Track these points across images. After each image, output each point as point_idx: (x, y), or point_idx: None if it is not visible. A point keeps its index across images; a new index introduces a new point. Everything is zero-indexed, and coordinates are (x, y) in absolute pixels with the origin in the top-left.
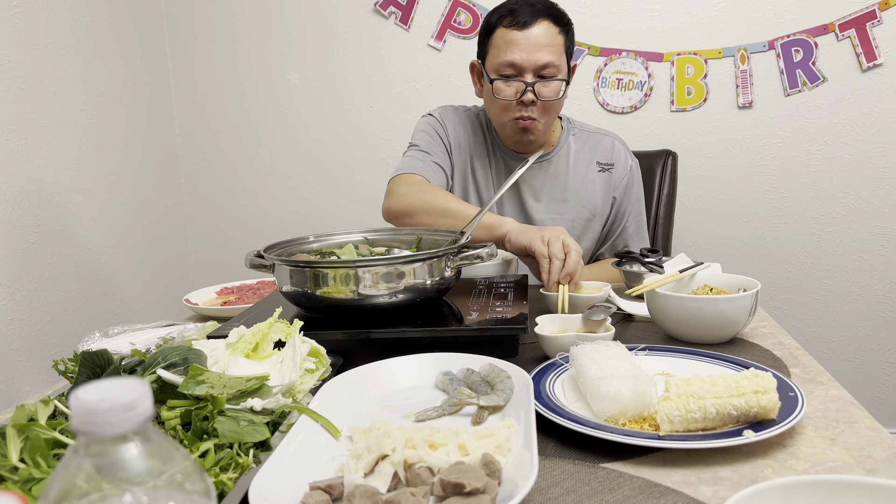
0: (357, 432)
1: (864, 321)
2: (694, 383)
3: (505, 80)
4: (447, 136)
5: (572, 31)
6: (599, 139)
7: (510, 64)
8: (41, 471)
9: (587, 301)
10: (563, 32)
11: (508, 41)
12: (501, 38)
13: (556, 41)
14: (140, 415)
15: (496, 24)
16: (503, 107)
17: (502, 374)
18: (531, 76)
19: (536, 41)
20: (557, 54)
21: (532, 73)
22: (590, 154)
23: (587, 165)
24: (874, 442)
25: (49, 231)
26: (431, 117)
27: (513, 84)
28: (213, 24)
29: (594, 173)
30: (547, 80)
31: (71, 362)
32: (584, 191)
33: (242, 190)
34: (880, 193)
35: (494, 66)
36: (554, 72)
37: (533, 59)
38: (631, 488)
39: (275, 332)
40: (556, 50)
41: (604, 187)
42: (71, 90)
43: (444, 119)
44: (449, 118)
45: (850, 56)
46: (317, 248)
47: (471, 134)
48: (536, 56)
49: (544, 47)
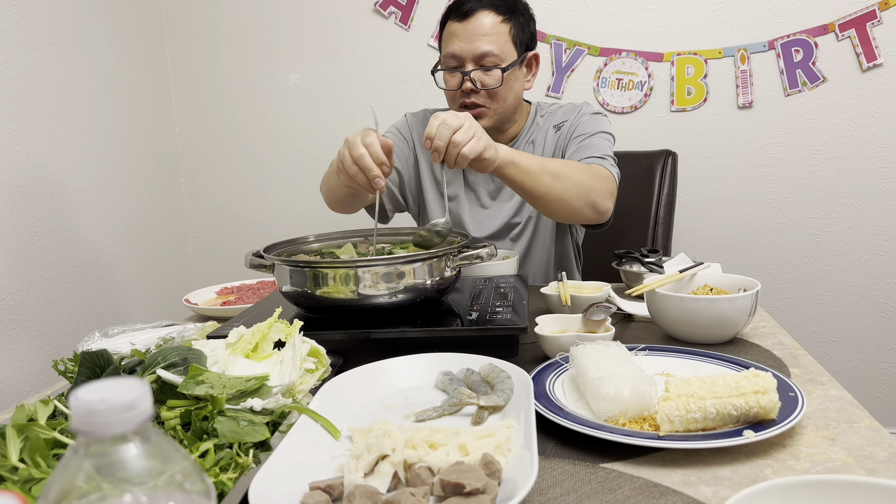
0: (357, 432)
1: (864, 321)
2: (694, 383)
3: (449, 70)
4: (412, 135)
5: (524, 19)
6: (560, 107)
7: (452, 55)
8: (41, 471)
9: (587, 301)
10: (508, 21)
11: (451, 33)
12: (448, 31)
13: (497, 30)
14: (140, 415)
15: (446, 19)
16: (450, 97)
17: (502, 374)
18: (471, 65)
19: (475, 31)
20: (499, 43)
21: (471, 62)
22: (549, 122)
23: (545, 133)
24: (874, 442)
25: (49, 231)
26: (404, 118)
27: (456, 74)
28: (213, 24)
29: (551, 136)
30: (487, 69)
31: (71, 362)
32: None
33: (242, 190)
34: (880, 193)
35: (441, 58)
36: (495, 60)
37: (471, 48)
38: (631, 488)
39: (275, 332)
40: (496, 38)
41: (556, 143)
42: (71, 90)
43: (412, 119)
44: (418, 118)
45: (850, 56)
46: (317, 248)
47: None
48: (474, 45)
49: (482, 37)
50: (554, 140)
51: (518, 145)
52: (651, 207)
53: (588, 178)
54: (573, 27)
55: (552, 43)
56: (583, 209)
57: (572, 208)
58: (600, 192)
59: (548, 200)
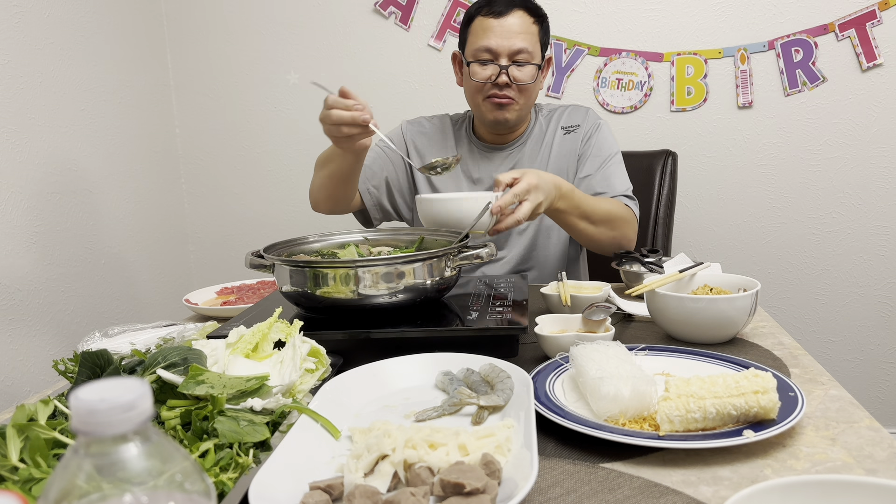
0: (357, 432)
1: (864, 321)
2: (694, 383)
3: (481, 63)
4: (405, 142)
5: (547, 25)
6: (565, 108)
7: (486, 49)
8: (41, 471)
9: (587, 301)
10: (538, 23)
11: (485, 28)
12: (479, 25)
13: (530, 30)
14: (140, 415)
15: (475, 15)
16: (478, 88)
17: (502, 374)
18: (506, 60)
19: (511, 28)
20: (531, 42)
21: (507, 57)
22: (556, 124)
23: (553, 134)
24: (874, 442)
25: (49, 231)
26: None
27: (488, 67)
28: (213, 24)
29: (560, 137)
30: (521, 65)
31: (71, 362)
32: (551, 159)
33: (242, 190)
34: (880, 193)
35: (472, 51)
36: (528, 57)
37: (507, 44)
38: (631, 488)
39: (275, 332)
40: (529, 38)
41: (570, 146)
42: (71, 90)
43: (407, 126)
44: (412, 126)
45: (849, 56)
46: (317, 248)
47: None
48: (511, 42)
49: (518, 34)
50: (564, 143)
51: (523, 143)
52: (651, 207)
53: (618, 226)
54: (573, 27)
55: (552, 43)
56: (610, 249)
57: (601, 248)
58: (626, 236)
59: (582, 238)
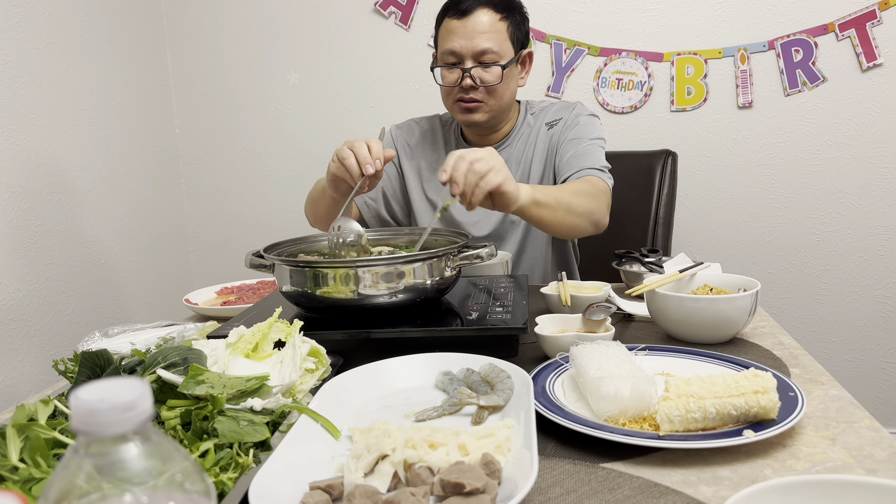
0: (357, 432)
1: (864, 321)
2: (694, 383)
3: (448, 67)
4: (395, 146)
5: (520, 17)
6: (553, 105)
7: (451, 52)
8: (41, 471)
9: (587, 301)
10: (506, 19)
11: (450, 30)
12: (445, 27)
13: (495, 28)
14: (140, 415)
15: (443, 16)
16: (446, 93)
17: (502, 374)
18: (470, 62)
19: (474, 28)
20: (497, 40)
21: (471, 59)
22: (542, 121)
23: (538, 132)
24: (874, 442)
25: (49, 231)
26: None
27: (454, 71)
28: (213, 24)
29: (543, 133)
30: (486, 66)
31: (71, 362)
32: (535, 156)
33: (242, 190)
34: (880, 193)
35: (439, 54)
36: (494, 57)
37: (471, 45)
38: (631, 488)
39: (275, 332)
40: (495, 36)
41: (552, 140)
42: (71, 90)
43: (395, 131)
44: (401, 130)
45: (850, 56)
46: (317, 248)
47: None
48: (474, 43)
49: (482, 34)
50: (546, 138)
51: (510, 143)
52: (651, 207)
53: (591, 201)
54: (573, 27)
55: (552, 43)
56: (586, 229)
57: (578, 231)
58: (601, 210)
59: (560, 230)
